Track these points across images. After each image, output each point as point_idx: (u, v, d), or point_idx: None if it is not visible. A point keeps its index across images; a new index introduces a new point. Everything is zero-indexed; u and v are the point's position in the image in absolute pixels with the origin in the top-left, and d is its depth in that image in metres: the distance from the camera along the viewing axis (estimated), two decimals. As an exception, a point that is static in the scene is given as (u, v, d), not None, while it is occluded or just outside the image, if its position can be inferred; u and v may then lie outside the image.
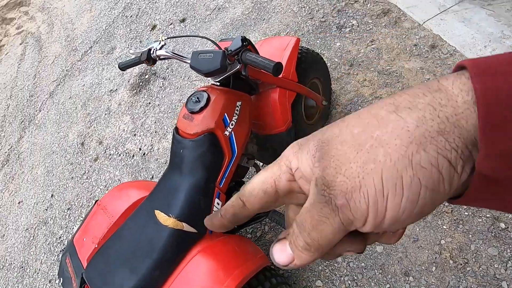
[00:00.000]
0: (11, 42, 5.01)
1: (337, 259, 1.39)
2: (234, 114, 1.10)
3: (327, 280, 1.37)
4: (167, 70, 2.79)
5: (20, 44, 4.76)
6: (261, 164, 1.80)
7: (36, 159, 3.04)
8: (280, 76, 1.26)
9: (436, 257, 1.25)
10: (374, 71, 1.86)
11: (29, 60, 4.30)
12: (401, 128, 0.19)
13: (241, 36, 0.96)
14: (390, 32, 1.97)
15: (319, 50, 2.12)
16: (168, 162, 2.25)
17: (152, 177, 2.24)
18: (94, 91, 3.17)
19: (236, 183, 1.26)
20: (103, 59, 3.41)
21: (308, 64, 1.46)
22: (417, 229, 1.32)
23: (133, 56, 1.21)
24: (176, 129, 1.13)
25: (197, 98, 1.07)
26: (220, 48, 1.07)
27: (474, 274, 1.19)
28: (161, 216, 1.05)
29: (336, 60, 2.03)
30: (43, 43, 4.39)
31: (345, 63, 1.99)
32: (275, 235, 1.59)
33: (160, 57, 1.16)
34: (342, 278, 1.35)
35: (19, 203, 2.83)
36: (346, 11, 2.20)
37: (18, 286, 2.29)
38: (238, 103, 1.12)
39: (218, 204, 1.12)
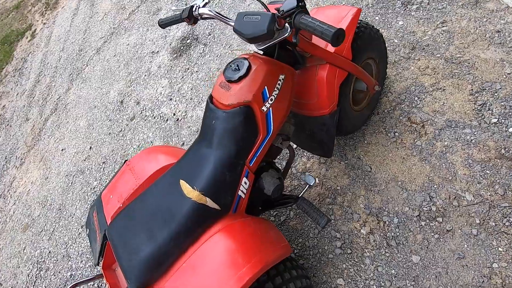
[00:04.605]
0: (67, -4, 5.19)
1: (365, 261, 1.28)
2: (275, 89, 0.99)
3: (350, 280, 1.28)
4: (209, 37, 2.69)
5: (75, -2, 4.91)
6: (295, 146, 1.69)
7: (80, 111, 3.19)
8: (333, 51, 1.10)
9: (483, 281, 1.09)
10: (440, 58, 1.60)
11: (81, 15, 4.43)
12: None
13: (297, -5, 0.82)
14: (468, 13, 1.67)
15: (376, 27, 1.88)
16: (199, 131, 2.23)
17: (183, 143, 2.24)
18: (137, 51, 3.19)
19: (267, 164, 1.17)
20: (148, 19, 3.39)
21: (365, 42, 1.28)
22: (465, 245, 1.16)
23: (175, 13, 1.12)
24: (211, 97, 1.05)
25: (237, 66, 0.97)
26: (269, 11, 0.94)
27: (527, 307, 1.02)
28: (185, 187, 1.01)
29: (396, 41, 1.79)
30: (95, -1, 4.48)
31: (406, 45, 1.74)
32: (300, 222, 1.51)
33: (203, 16, 1.06)
34: (368, 281, 1.25)
35: (62, 150, 3.02)
36: (418, -15, 1.90)
37: (55, 225, 2.49)
38: (281, 77, 1.00)
39: (245, 183, 1.04)
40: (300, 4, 0.82)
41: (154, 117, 2.54)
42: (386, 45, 1.80)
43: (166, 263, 0.94)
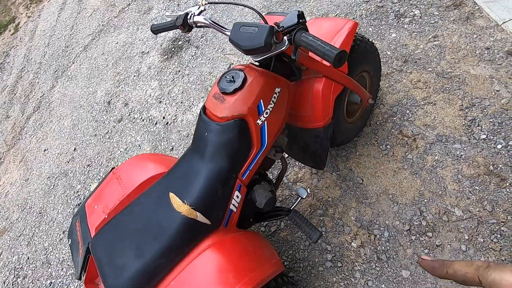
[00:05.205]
0: (54, -11, 5.02)
1: (356, 274, 1.28)
2: (271, 102, 0.97)
3: (339, 294, 1.27)
4: (201, 39, 2.65)
5: (62, -8, 4.75)
6: (287, 156, 1.68)
7: (65, 111, 3.08)
8: (329, 64, 1.09)
9: (470, 297, 1.10)
10: (432, 72, 1.62)
11: (69, 10, 4.29)
12: None
13: (298, 11, 0.80)
14: (459, 29, 1.70)
15: (370, 40, 1.89)
16: (189, 136, 2.18)
17: (172, 148, 2.18)
18: (126, 51, 3.11)
19: (259, 176, 1.15)
20: (139, 18, 3.31)
21: (361, 55, 1.27)
22: (454, 261, 1.17)
23: (168, 19, 1.08)
24: (204, 108, 1.01)
25: (232, 77, 0.94)
26: (266, 22, 0.91)
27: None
28: (175, 200, 0.97)
29: (389, 53, 1.80)
30: (84, -6, 4.35)
31: (398, 58, 1.76)
32: (291, 234, 1.49)
33: (197, 24, 1.03)
34: (357, 295, 1.24)
35: (44, 150, 2.90)
36: (410, -2, 1.92)
37: (35, 230, 2.38)
38: (277, 90, 0.98)
39: (237, 197, 1.02)
40: (301, 21, 0.80)
41: (143, 120, 2.47)
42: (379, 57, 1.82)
43: (154, 280, 0.90)
